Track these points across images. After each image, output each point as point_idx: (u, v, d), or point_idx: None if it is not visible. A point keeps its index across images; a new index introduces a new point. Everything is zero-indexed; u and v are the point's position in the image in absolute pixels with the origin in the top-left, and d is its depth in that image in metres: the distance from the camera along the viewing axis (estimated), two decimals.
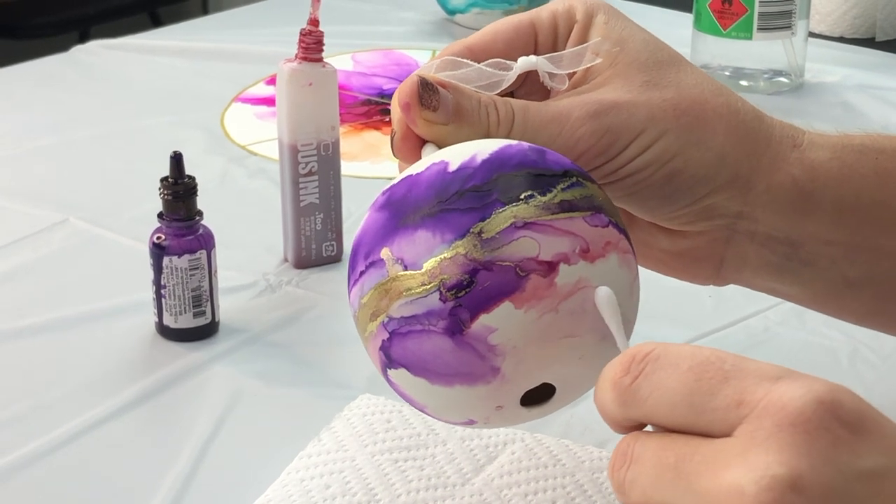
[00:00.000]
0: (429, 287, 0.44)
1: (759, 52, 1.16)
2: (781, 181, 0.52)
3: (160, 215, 0.73)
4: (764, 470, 0.34)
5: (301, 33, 0.80)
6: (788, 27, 1.14)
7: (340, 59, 1.27)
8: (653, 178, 0.51)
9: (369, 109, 1.15)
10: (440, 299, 0.44)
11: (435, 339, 0.44)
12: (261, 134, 1.09)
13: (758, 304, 0.79)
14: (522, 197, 0.44)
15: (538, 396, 0.47)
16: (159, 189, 0.72)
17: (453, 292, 0.44)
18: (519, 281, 0.43)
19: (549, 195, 0.45)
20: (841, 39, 1.33)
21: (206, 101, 1.18)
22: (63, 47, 1.35)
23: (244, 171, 1.02)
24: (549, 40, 0.55)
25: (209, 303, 0.74)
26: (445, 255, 0.44)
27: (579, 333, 0.45)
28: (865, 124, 1.04)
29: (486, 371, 0.45)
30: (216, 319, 0.75)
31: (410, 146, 0.50)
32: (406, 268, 0.45)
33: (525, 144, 0.47)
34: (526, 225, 0.44)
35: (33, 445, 0.64)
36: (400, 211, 0.46)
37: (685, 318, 0.77)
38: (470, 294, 0.44)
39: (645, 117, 0.51)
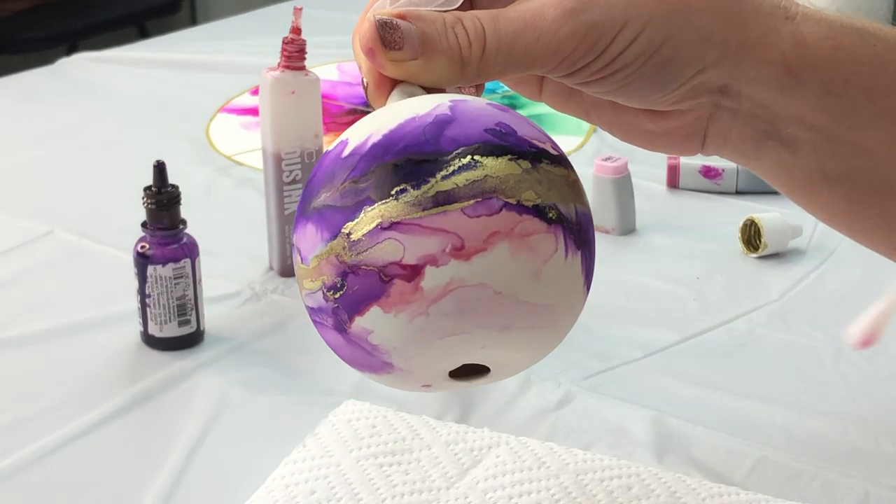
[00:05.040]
0: (315, 284, 0.44)
1: None
2: (770, 58, 0.50)
3: (144, 224, 0.73)
4: None
5: (283, 41, 0.80)
6: None
7: (326, 69, 1.27)
8: (643, 69, 0.49)
9: (355, 119, 1.15)
10: (323, 298, 0.43)
11: (331, 332, 0.44)
12: (246, 144, 1.09)
13: (742, 306, 0.79)
14: (393, 193, 0.42)
15: (472, 369, 0.45)
16: (143, 198, 0.72)
17: (331, 293, 0.43)
18: (384, 286, 0.42)
19: (424, 188, 0.42)
20: None
21: (192, 112, 1.18)
22: (51, 62, 1.35)
23: (230, 182, 1.02)
24: None
25: (194, 311, 0.74)
26: (323, 254, 0.43)
27: (464, 331, 0.43)
28: None
29: (380, 365, 0.44)
30: (201, 328, 0.75)
31: (386, 91, 0.48)
32: (302, 260, 0.44)
33: (432, 115, 0.44)
34: (392, 225, 0.42)
35: (20, 455, 0.64)
36: (306, 194, 0.45)
37: (670, 321, 0.78)
38: (343, 296, 0.43)
39: (625, 6, 0.48)
